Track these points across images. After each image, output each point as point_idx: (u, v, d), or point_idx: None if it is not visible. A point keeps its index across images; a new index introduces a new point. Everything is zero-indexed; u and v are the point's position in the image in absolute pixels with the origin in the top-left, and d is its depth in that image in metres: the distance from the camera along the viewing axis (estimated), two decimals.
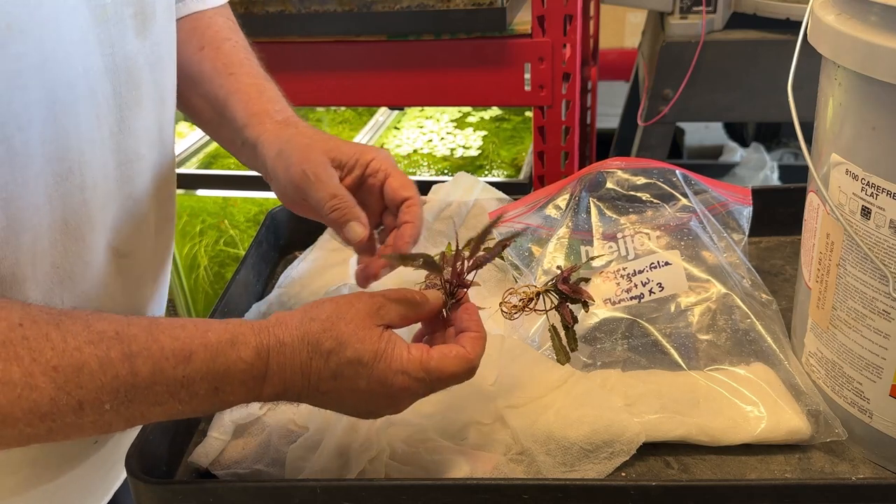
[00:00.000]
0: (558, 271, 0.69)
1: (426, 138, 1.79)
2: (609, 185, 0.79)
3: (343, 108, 1.95)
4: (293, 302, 0.83)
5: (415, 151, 1.73)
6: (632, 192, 0.79)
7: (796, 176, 2.22)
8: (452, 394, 0.57)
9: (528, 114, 1.84)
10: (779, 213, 0.88)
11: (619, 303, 0.73)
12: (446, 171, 1.62)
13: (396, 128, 1.87)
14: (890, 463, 0.61)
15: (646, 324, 0.72)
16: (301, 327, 0.52)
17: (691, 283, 0.74)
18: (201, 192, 1.70)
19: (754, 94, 1.45)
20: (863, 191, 0.55)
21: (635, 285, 0.73)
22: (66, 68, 0.54)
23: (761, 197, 0.82)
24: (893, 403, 0.58)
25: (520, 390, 0.66)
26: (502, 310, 0.67)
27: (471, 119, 1.88)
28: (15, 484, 0.65)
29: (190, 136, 1.79)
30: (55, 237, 0.58)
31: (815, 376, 0.66)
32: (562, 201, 0.81)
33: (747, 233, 0.80)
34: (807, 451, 0.62)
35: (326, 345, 0.51)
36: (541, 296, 0.67)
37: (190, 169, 1.71)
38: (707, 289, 0.73)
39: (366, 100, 1.48)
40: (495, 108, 1.92)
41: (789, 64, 0.62)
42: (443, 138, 1.79)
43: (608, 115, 2.18)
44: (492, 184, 0.97)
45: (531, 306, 0.67)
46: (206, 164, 1.74)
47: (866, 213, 0.55)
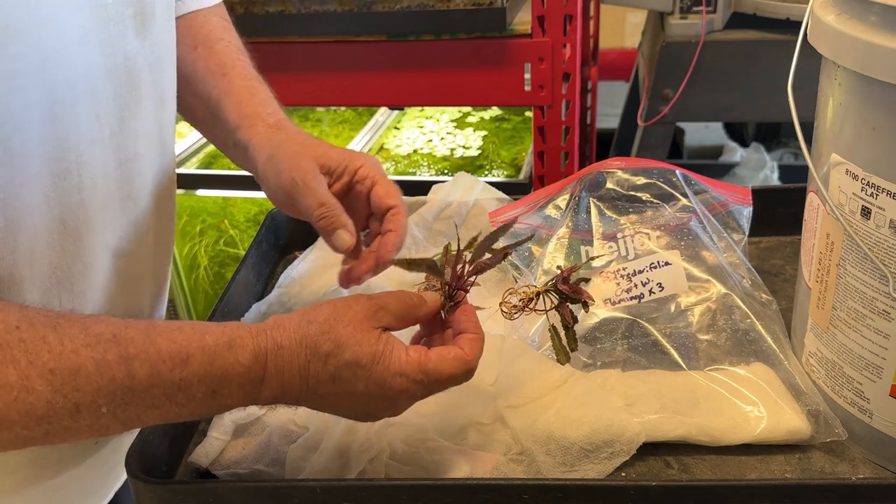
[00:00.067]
0: (558, 271, 0.69)
1: (426, 138, 1.79)
2: (609, 185, 0.79)
3: (343, 108, 1.95)
4: (293, 302, 0.83)
5: (415, 151, 1.73)
6: (632, 192, 0.79)
7: (796, 176, 2.22)
8: (452, 394, 0.57)
9: (528, 114, 1.84)
10: (779, 213, 0.88)
11: (619, 303, 0.73)
12: (446, 171, 1.62)
13: (396, 128, 1.87)
14: (890, 463, 0.61)
15: (646, 324, 0.72)
16: (299, 330, 0.52)
17: (691, 283, 0.74)
18: (201, 192, 1.70)
19: (754, 94, 1.45)
20: (863, 191, 0.55)
21: (635, 285, 0.73)
22: (65, 68, 0.54)
23: (761, 197, 0.83)
24: (893, 403, 0.58)
25: (520, 390, 0.66)
26: (502, 310, 0.67)
27: (471, 119, 1.88)
28: (14, 483, 0.65)
29: (190, 136, 1.79)
30: (53, 238, 0.58)
31: (815, 376, 0.66)
32: (562, 201, 0.81)
33: (747, 233, 0.80)
34: (807, 451, 0.62)
35: (324, 347, 0.51)
36: (541, 296, 0.67)
37: (190, 169, 1.71)
38: (707, 289, 0.73)
39: (366, 100, 1.48)
40: (495, 108, 1.92)
41: (789, 64, 0.62)
42: (443, 138, 1.78)
43: (608, 115, 2.18)
44: (492, 184, 0.97)
45: (531, 306, 0.67)
46: (206, 164, 1.74)
47: (866, 213, 0.55)
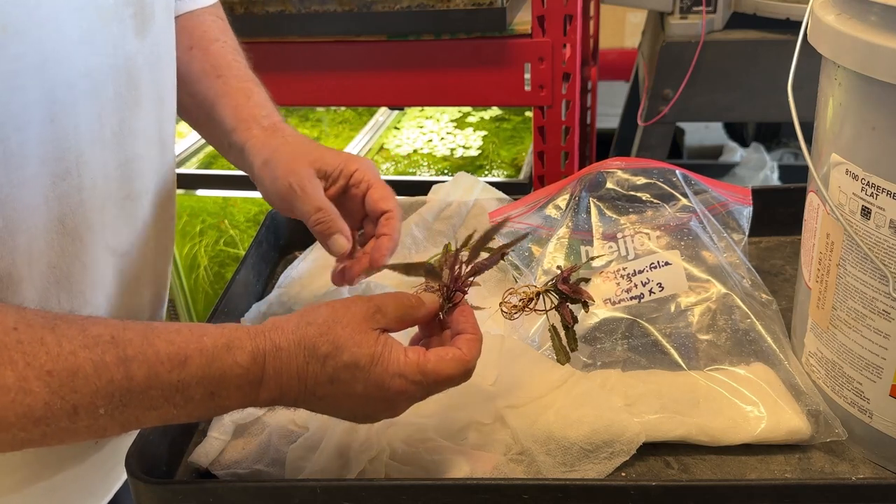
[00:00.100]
0: (558, 271, 0.69)
1: (426, 138, 1.79)
2: (609, 185, 0.79)
3: (343, 108, 1.95)
4: (293, 302, 0.83)
5: (415, 151, 1.73)
6: (632, 192, 0.79)
7: (796, 176, 2.22)
8: (452, 394, 0.57)
9: (528, 114, 1.84)
10: (779, 213, 0.88)
11: (619, 303, 0.73)
12: (446, 171, 1.62)
13: (396, 128, 1.87)
14: (890, 463, 0.61)
15: (646, 324, 0.72)
16: (297, 332, 0.52)
17: (691, 283, 0.74)
18: (201, 192, 1.70)
19: (754, 94, 1.45)
20: (863, 191, 0.55)
21: (635, 285, 0.73)
22: (65, 69, 0.54)
23: (761, 197, 0.82)
24: (893, 403, 0.58)
25: (520, 390, 0.66)
26: (502, 310, 0.67)
27: (471, 119, 1.88)
28: (14, 482, 0.65)
29: (190, 136, 1.79)
30: (51, 237, 0.58)
31: (815, 376, 0.66)
32: (562, 201, 0.81)
33: (747, 233, 0.80)
34: (807, 451, 0.62)
35: (323, 349, 0.51)
36: (541, 296, 0.67)
37: (190, 169, 1.71)
38: (707, 289, 0.73)
39: (366, 100, 1.47)
40: (495, 108, 1.92)
41: (789, 64, 0.62)
42: (443, 138, 1.78)
43: (608, 115, 2.18)
44: (492, 184, 0.97)
45: (531, 306, 0.67)
46: (206, 164, 1.74)
47: (866, 213, 0.55)
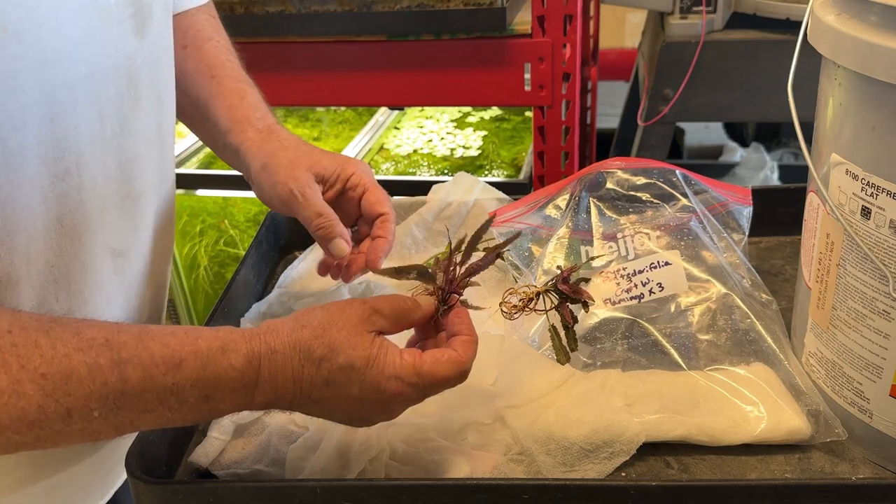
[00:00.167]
0: (558, 271, 0.69)
1: (426, 138, 1.79)
2: (609, 185, 0.79)
3: (343, 108, 1.95)
4: (293, 302, 0.83)
5: (415, 151, 1.73)
6: (632, 192, 0.79)
7: (796, 176, 2.22)
8: (452, 394, 0.57)
9: (528, 114, 1.83)
10: (779, 213, 0.88)
11: (619, 303, 0.73)
12: (446, 171, 1.62)
13: (396, 128, 1.87)
14: (890, 463, 0.61)
15: (646, 324, 0.72)
16: (292, 334, 0.52)
17: (691, 283, 0.74)
18: (201, 192, 1.70)
19: (754, 94, 1.45)
20: (863, 191, 0.55)
21: (635, 285, 0.73)
22: (65, 69, 0.54)
23: (761, 197, 0.83)
24: (893, 403, 0.58)
25: (520, 390, 0.66)
26: (502, 310, 0.67)
27: (471, 119, 1.88)
28: (14, 482, 0.65)
29: (190, 136, 1.79)
30: (50, 237, 0.58)
31: (815, 376, 0.66)
32: (562, 201, 0.81)
33: (747, 233, 0.80)
34: (807, 451, 0.62)
35: (318, 352, 0.51)
36: (541, 296, 0.67)
37: (190, 169, 1.71)
38: (707, 289, 0.73)
39: (366, 100, 1.47)
40: (495, 108, 1.92)
41: (789, 64, 0.62)
42: (443, 138, 1.78)
43: (608, 115, 2.18)
44: (492, 184, 0.97)
45: (531, 306, 0.67)
46: (206, 164, 1.74)
47: (866, 213, 0.55)
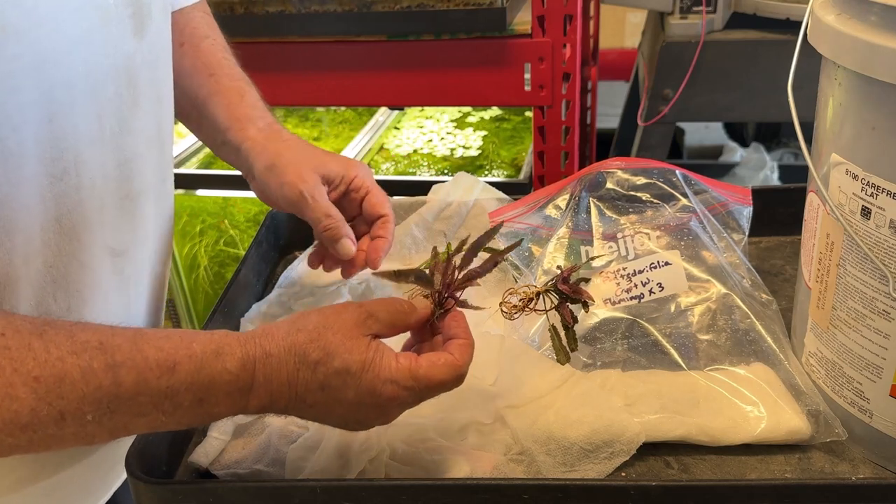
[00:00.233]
0: (558, 271, 0.69)
1: (426, 138, 1.79)
2: (609, 185, 0.79)
3: (343, 108, 1.95)
4: (293, 302, 0.83)
5: (415, 151, 1.73)
6: (632, 192, 0.79)
7: (796, 176, 2.22)
8: (452, 394, 0.57)
9: (528, 114, 1.83)
10: (779, 213, 0.88)
11: (619, 303, 0.73)
12: (446, 171, 1.62)
13: (396, 128, 1.87)
14: (890, 463, 0.61)
15: (646, 324, 0.72)
16: (287, 338, 0.52)
17: (691, 283, 0.73)
18: (201, 192, 1.70)
19: (754, 94, 1.45)
20: (863, 191, 0.55)
21: (635, 285, 0.73)
22: (64, 69, 0.54)
23: (761, 197, 0.82)
24: (893, 403, 0.58)
25: (520, 390, 0.66)
26: (502, 310, 0.67)
27: (471, 119, 1.88)
28: (13, 482, 0.65)
29: (190, 136, 1.79)
30: (48, 237, 0.58)
31: (815, 376, 0.66)
32: (562, 201, 0.81)
33: (747, 233, 0.80)
34: (807, 451, 0.62)
35: (314, 355, 0.51)
36: (541, 296, 0.67)
37: (190, 169, 1.71)
38: (707, 289, 0.73)
39: (366, 100, 1.47)
40: (495, 108, 1.92)
41: (789, 64, 0.62)
42: (443, 138, 1.78)
43: (608, 115, 2.18)
44: (492, 184, 0.97)
45: (531, 306, 0.67)
46: (206, 164, 1.74)
47: (866, 213, 0.55)
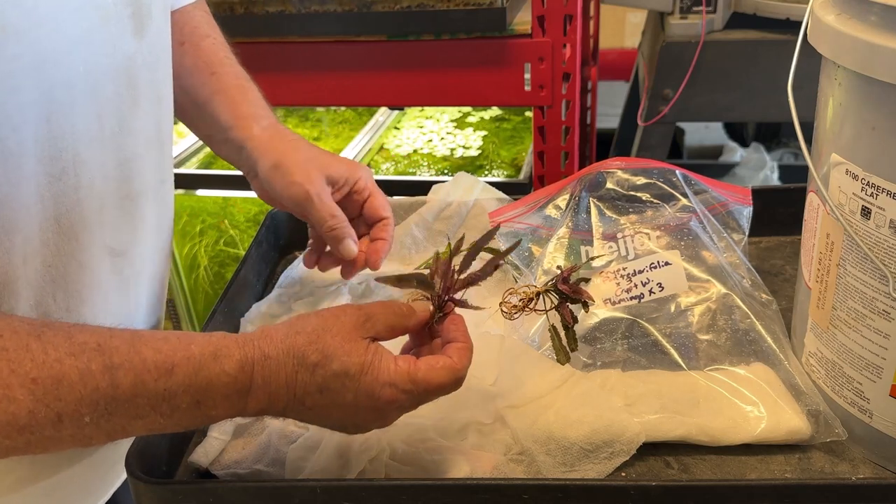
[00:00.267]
0: (558, 271, 0.69)
1: (426, 138, 1.79)
2: (609, 185, 0.79)
3: (343, 108, 1.95)
4: (293, 302, 0.83)
5: (415, 151, 1.73)
6: (632, 192, 0.79)
7: (796, 176, 2.22)
8: (452, 394, 0.57)
9: (528, 114, 1.83)
10: (779, 213, 0.88)
11: (619, 303, 0.73)
12: (446, 171, 1.62)
13: (396, 128, 1.87)
14: (890, 463, 0.61)
15: (646, 324, 0.72)
16: (286, 340, 0.51)
17: (691, 283, 0.74)
18: (201, 192, 1.70)
19: (754, 94, 1.45)
20: (863, 191, 0.55)
21: (635, 285, 0.73)
22: (64, 69, 0.54)
23: (761, 197, 0.82)
24: (893, 403, 0.58)
25: (520, 390, 0.66)
26: (502, 310, 0.67)
27: (471, 119, 1.88)
28: (13, 482, 0.65)
29: (190, 136, 1.79)
30: (47, 237, 0.58)
31: (815, 376, 0.66)
32: (562, 201, 0.81)
33: (747, 233, 0.80)
34: (807, 451, 0.62)
35: (312, 358, 0.51)
36: (541, 296, 0.67)
37: (190, 169, 1.71)
38: (707, 289, 0.73)
39: (366, 100, 1.47)
40: (495, 108, 1.92)
41: (789, 64, 0.62)
42: (443, 138, 1.78)
43: (608, 115, 2.18)
44: (492, 184, 0.97)
45: (531, 306, 0.67)
46: (206, 164, 1.74)
47: (866, 213, 0.55)
